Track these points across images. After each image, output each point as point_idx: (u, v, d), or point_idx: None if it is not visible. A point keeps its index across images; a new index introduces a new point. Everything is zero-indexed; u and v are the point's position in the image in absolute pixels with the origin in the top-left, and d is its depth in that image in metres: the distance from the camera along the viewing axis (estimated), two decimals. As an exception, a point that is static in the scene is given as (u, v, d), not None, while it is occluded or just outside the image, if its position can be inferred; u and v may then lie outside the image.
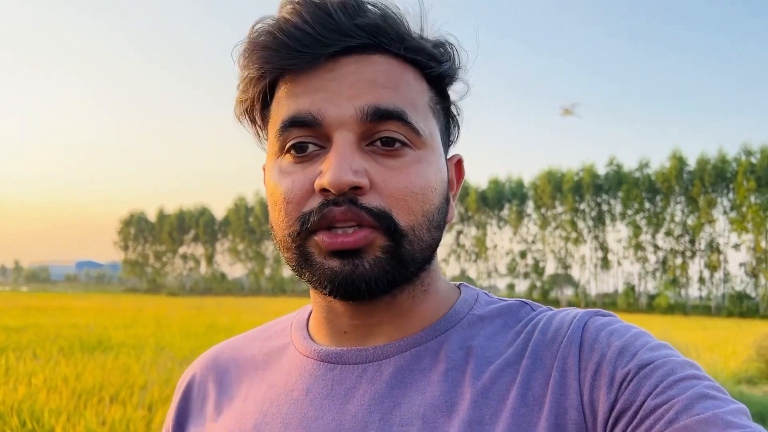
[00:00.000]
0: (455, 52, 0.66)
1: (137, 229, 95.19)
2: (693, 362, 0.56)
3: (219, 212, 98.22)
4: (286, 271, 78.27)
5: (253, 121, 0.67)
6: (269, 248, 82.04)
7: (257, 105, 0.65)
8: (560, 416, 0.56)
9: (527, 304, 0.68)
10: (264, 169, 0.68)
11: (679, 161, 57.49)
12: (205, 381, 0.74)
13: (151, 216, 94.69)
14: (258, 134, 0.68)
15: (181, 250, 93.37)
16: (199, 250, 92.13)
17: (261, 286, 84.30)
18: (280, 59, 0.60)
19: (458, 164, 0.71)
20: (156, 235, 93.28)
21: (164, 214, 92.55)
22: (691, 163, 57.76)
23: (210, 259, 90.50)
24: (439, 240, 0.64)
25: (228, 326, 17.59)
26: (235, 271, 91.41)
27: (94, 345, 11.97)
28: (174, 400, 0.76)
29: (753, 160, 54.15)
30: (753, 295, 55.11)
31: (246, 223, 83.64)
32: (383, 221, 0.58)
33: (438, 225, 0.63)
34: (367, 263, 0.58)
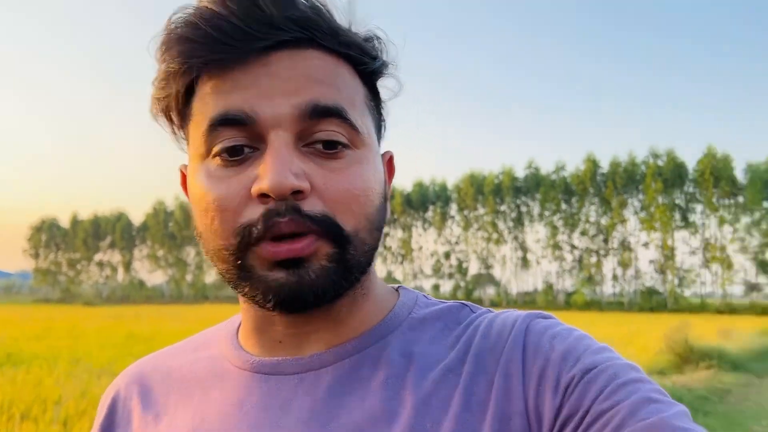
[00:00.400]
0: (384, 47, 0.63)
1: (49, 235, 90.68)
2: (634, 364, 0.56)
3: (137, 217, 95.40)
4: (209, 278, 76.84)
5: (171, 120, 0.62)
6: (190, 254, 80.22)
7: (176, 102, 0.60)
8: (504, 423, 0.55)
9: (467, 306, 0.67)
10: (182, 171, 0.65)
11: (593, 164, 60.30)
12: (129, 398, 0.69)
13: (64, 222, 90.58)
14: (175, 133, 0.63)
15: (97, 257, 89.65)
16: (116, 257, 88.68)
17: (182, 293, 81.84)
18: (205, 52, 0.56)
19: (390, 161, 0.69)
20: (69, 242, 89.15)
21: (78, 220, 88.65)
22: (604, 166, 60.71)
23: (128, 266, 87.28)
24: (380, 241, 0.62)
25: (148, 335, 17.02)
26: (155, 278, 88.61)
27: (4, 359, 11.33)
28: (96, 420, 0.71)
29: (660, 162, 57.42)
30: (661, 290, 58.30)
31: (165, 228, 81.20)
32: (328, 227, 0.56)
33: (379, 226, 0.61)
34: (312, 273, 0.56)
